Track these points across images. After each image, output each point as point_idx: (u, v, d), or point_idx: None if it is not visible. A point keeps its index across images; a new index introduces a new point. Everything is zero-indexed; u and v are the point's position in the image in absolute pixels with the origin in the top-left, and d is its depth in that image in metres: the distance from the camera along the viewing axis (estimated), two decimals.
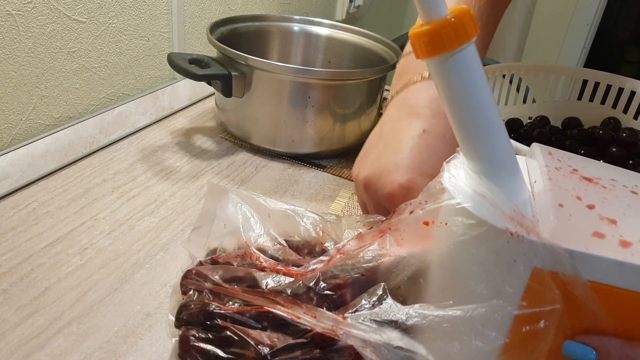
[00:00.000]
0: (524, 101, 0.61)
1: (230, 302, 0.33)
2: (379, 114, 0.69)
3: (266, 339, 0.31)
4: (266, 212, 0.38)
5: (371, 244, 0.31)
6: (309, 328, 0.30)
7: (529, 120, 0.60)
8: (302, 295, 0.32)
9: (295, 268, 0.34)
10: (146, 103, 0.70)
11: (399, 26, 2.02)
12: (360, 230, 0.38)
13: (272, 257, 0.36)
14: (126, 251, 0.46)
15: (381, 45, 0.73)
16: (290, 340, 0.31)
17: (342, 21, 1.07)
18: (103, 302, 0.40)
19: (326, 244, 0.38)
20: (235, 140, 0.67)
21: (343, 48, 0.77)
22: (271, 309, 0.31)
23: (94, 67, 0.65)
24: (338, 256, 0.33)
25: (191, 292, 0.34)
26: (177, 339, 0.33)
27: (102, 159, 0.60)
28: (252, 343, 0.30)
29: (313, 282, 0.32)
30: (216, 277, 0.34)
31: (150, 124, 0.69)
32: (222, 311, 0.32)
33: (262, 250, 0.36)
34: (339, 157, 0.67)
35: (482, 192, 0.24)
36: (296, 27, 0.78)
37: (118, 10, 0.66)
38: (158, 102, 0.72)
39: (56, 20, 0.58)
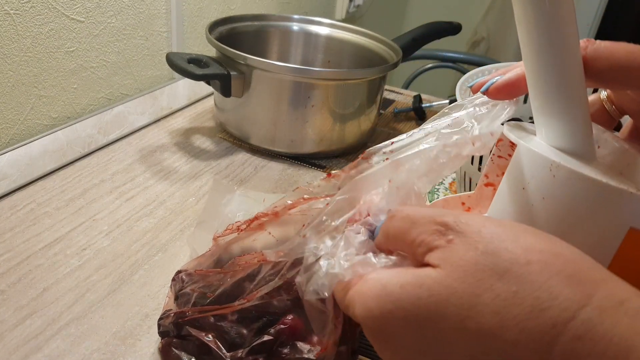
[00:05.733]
0: (525, 101, 0.60)
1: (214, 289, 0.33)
2: (379, 114, 0.69)
3: (229, 343, 0.31)
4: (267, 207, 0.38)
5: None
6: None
7: (529, 121, 0.60)
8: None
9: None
10: (145, 103, 0.69)
11: (399, 26, 2.02)
12: None
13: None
14: (125, 252, 0.46)
15: (381, 45, 0.72)
16: (259, 338, 0.31)
17: (342, 20, 1.07)
18: (101, 303, 0.40)
19: None
20: (234, 140, 0.67)
21: (343, 48, 0.77)
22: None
23: (92, 66, 0.64)
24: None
25: (171, 298, 0.35)
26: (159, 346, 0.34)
27: (101, 159, 0.60)
28: (219, 350, 0.31)
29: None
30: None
31: (149, 124, 0.69)
32: (192, 318, 0.32)
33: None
34: (339, 157, 0.66)
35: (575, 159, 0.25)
36: (296, 26, 0.77)
37: (116, 10, 0.65)
38: (157, 102, 0.71)
39: (54, 19, 0.58)
